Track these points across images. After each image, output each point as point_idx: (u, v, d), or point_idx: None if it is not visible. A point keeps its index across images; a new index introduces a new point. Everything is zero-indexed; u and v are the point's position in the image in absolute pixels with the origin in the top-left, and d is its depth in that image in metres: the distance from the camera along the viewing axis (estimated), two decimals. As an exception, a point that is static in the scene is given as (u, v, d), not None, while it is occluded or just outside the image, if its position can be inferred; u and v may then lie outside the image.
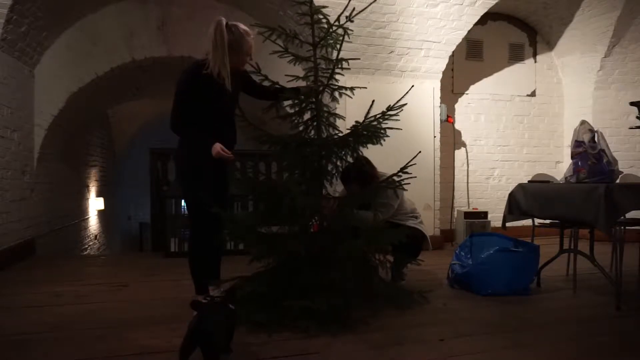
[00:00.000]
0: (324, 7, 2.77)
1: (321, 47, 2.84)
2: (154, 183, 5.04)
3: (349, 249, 2.68)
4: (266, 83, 2.88)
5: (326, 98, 2.91)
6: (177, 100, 2.58)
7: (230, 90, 2.58)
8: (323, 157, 2.83)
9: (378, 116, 2.88)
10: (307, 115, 2.87)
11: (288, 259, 2.67)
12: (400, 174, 2.88)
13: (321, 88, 2.84)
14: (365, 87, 2.92)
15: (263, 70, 2.92)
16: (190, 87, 2.56)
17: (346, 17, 2.77)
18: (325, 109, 2.88)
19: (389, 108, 2.91)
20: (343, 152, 2.89)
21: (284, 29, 2.77)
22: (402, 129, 3.09)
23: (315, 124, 2.83)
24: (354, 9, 2.77)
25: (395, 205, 3.30)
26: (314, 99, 2.81)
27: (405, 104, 2.87)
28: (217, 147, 2.52)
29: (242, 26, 2.59)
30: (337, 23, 2.79)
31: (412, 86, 3.41)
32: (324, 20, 2.79)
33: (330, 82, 2.84)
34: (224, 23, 2.52)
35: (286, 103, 2.96)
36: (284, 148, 2.81)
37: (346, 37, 2.83)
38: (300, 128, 2.86)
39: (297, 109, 2.85)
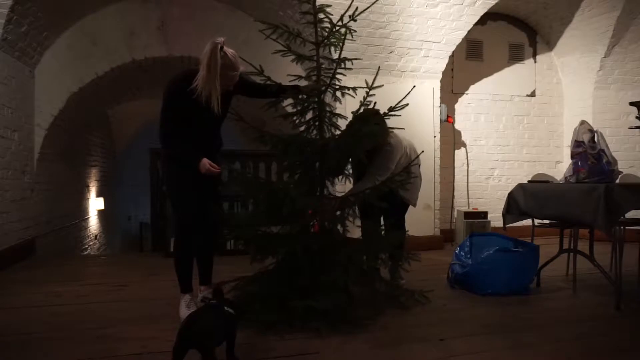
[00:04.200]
0: (327, 5, 2.76)
1: (324, 47, 2.83)
2: (154, 183, 5.04)
3: (349, 253, 2.68)
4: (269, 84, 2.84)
5: (328, 98, 2.91)
6: (164, 113, 2.55)
7: (218, 109, 2.51)
8: (324, 157, 2.82)
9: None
10: (309, 115, 2.86)
11: (289, 258, 2.68)
12: (402, 174, 2.89)
13: (324, 87, 2.83)
14: (367, 88, 2.91)
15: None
16: (176, 100, 2.51)
17: (349, 16, 2.75)
18: (327, 108, 2.87)
19: (391, 109, 2.92)
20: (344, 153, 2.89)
21: (287, 26, 2.77)
22: (404, 129, 3.11)
23: (317, 123, 2.83)
24: (356, 8, 2.76)
25: (393, 167, 3.20)
26: (316, 99, 2.81)
27: (407, 104, 2.89)
28: (206, 163, 2.52)
29: (233, 57, 2.48)
30: (340, 22, 2.77)
31: (414, 86, 3.40)
32: (326, 20, 2.78)
33: (333, 81, 2.84)
34: (220, 46, 2.41)
35: (286, 102, 2.96)
36: (286, 148, 2.80)
37: (348, 37, 2.83)
38: (302, 128, 2.85)
39: (299, 108, 2.84)
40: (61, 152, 5.58)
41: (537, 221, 3.57)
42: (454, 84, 5.87)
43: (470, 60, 5.94)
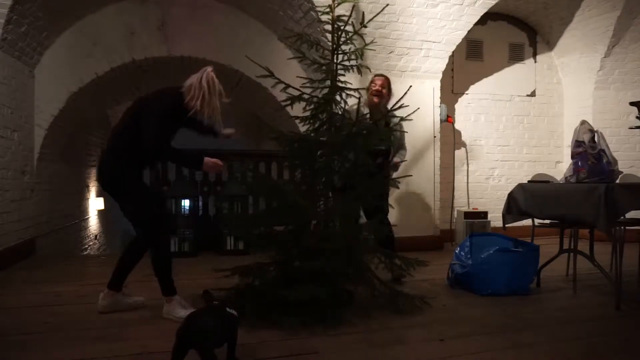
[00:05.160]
0: (344, 15, 2.88)
1: (339, 53, 2.94)
2: (154, 183, 5.04)
3: (348, 249, 2.70)
4: (280, 86, 2.92)
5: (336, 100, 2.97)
6: (161, 120, 2.59)
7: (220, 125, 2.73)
8: (331, 156, 2.86)
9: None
10: (323, 116, 2.95)
11: (285, 254, 2.70)
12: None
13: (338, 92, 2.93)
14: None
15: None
16: (177, 111, 2.62)
17: (360, 23, 2.90)
18: (341, 112, 2.95)
19: (389, 110, 2.98)
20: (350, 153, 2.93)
21: (308, 35, 2.92)
22: (407, 132, 3.13)
23: (326, 127, 2.91)
24: (366, 15, 2.89)
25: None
26: (328, 107, 2.90)
27: (407, 105, 2.94)
28: (210, 160, 2.66)
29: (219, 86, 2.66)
30: (352, 30, 2.91)
31: (410, 86, 3.43)
32: (342, 27, 2.90)
33: (343, 85, 2.93)
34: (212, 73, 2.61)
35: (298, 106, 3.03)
36: (293, 145, 2.86)
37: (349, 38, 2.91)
38: (316, 125, 2.93)
39: (313, 113, 2.93)
40: (61, 152, 5.58)
41: (537, 221, 3.57)
42: (454, 84, 5.87)
43: (470, 60, 5.94)
